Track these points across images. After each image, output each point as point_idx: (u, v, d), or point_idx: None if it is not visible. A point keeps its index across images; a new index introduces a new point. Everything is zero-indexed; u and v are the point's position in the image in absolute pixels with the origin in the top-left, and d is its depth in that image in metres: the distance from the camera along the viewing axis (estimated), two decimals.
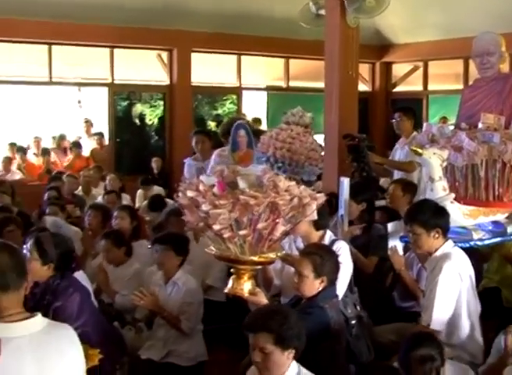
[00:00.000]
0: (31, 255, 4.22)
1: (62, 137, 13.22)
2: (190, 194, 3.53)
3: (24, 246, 4.31)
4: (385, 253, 5.40)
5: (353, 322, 4.44)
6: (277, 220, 3.44)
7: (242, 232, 3.42)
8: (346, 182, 5.56)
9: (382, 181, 8.32)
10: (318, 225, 4.63)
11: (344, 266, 4.44)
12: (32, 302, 4.19)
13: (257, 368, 3.45)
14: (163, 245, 5.29)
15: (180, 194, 3.60)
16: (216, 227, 3.41)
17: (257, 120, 13.55)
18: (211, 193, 3.48)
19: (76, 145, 12.44)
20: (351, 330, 4.39)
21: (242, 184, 3.49)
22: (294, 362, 3.46)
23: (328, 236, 4.75)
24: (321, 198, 3.70)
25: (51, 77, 11.52)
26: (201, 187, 3.52)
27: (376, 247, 5.64)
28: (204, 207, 3.42)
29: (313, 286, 4.09)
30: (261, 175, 3.56)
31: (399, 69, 14.19)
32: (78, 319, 4.12)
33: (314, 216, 3.75)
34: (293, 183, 3.55)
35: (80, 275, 4.70)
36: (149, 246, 5.96)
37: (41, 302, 4.14)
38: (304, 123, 6.99)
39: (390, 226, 5.45)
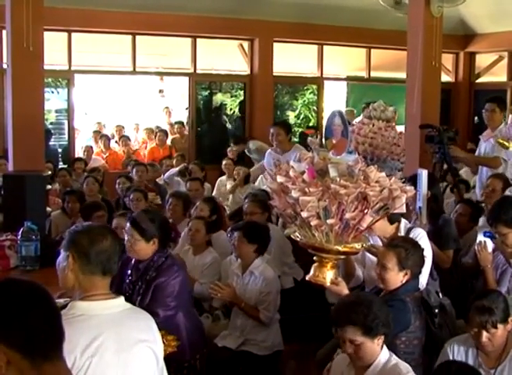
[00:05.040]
0: (133, 237, 4.25)
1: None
2: (280, 179, 3.53)
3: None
4: (458, 244, 5.30)
5: (436, 311, 4.36)
6: (365, 211, 3.41)
7: (330, 221, 3.41)
8: (424, 174, 5.45)
9: (461, 172, 8.18)
10: (392, 219, 4.52)
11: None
12: (135, 276, 4.31)
13: (350, 357, 3.51)
14: (236, 232, 5.36)
15: (269, 178, 3.60)
16: (304, 214, 3.40)
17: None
18: (301, 179, 3.47)
19: (163, 133, 12.55)
20: (434, 320, 4.32)
21: (333, 172, 3.46)
22: (385, 348, 3.50)
23: (404, 224, 4.66)
24: (411, 191, 3.66)
25: (134, 67, 11.69)
26: (291, 173, 3.52)
27: (449, 240, 5.53)
28: (294, 193, 3.41)
29: (397, 278, 4.04)
30: (352, 164, 3.53)
31: (483, 60, 13.84)
32: (177, 298, 4.20)
33: (403, 209, 3.69)
34: (384, 174, 3.51)
35: None
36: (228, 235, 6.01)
37: (144, 277, 4.23)
38: (386, 117, 6.88)
39: (481, 220, 5.31)
